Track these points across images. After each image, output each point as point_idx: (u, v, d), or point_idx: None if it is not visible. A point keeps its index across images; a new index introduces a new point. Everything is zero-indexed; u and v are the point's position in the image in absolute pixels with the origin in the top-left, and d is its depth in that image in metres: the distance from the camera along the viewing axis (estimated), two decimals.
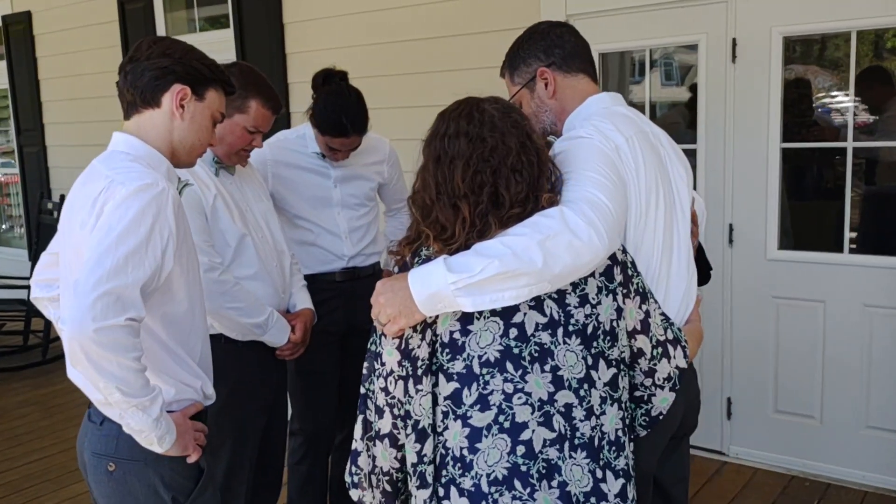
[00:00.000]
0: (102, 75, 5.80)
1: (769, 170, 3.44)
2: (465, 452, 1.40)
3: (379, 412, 1.48)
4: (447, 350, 1.42)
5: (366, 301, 1.50)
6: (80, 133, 6.17)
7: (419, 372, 1.42)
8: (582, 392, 1.43)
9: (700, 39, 3.51)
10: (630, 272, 1.54)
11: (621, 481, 1.45)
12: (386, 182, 2.94)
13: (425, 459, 1.43)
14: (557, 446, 1.40)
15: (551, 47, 1.78)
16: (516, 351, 1.41)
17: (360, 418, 1.54)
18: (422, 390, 1.42)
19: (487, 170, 1.42)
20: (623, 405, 1.50)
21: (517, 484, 1.38)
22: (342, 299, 2.79)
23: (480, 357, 1.40)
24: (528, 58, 1.80)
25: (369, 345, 1.53)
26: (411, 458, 1.44)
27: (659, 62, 3.85)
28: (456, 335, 1.41)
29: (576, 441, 1.42)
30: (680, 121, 3.80)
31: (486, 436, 1.39)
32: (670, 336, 1.59)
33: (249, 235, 2.31)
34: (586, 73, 1.81)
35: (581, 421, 1.42)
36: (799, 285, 3.45)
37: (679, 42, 3.64)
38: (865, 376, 3.36)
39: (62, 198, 5.15)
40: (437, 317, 1.42)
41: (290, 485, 2.90)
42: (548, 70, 1.78)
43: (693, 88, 3.66)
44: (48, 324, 5.29)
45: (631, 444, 1.53)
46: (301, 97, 4.57)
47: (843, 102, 3.50)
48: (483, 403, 1.40)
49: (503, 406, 1.39)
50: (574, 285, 1.44)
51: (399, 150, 2.96)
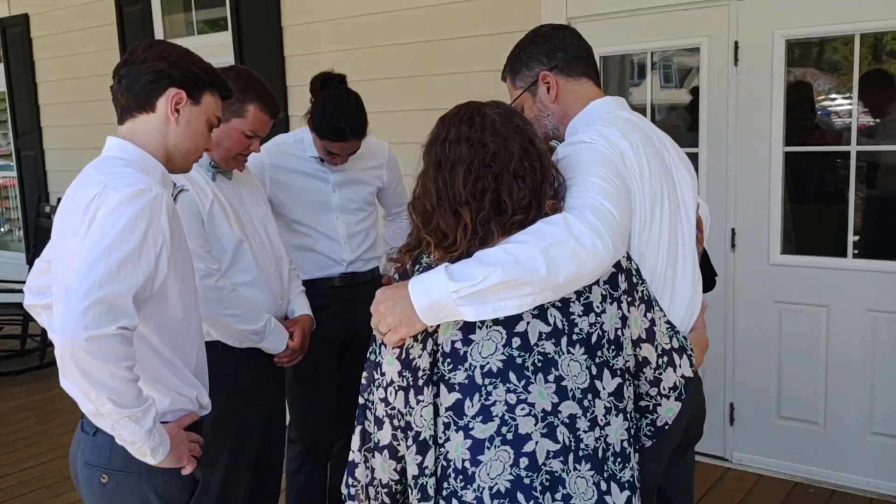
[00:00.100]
0: (100, 78, 5.75)
1: (772, 174, 3.41)
2: (467, 465, 1.37)
3: (378, 423, 1.46)
4: (449, 360, 1.39)
5: (365, 307, 1.48)
6: (78, 136, 6.14)
7: (420, 382, 1.39)
8: (586, 402, 1.40)
9: (702, 42, 3.49)
10: (635, 280, 1.51)
11: (627, 493, 1.43)
12: (385, 186, 2.91)
13: (427, 472, 1.40)
14: (561, 458, 1.37)
15: (553, 51, 1.76)
16: (519, 361, 1.38)
17: (358, 429, 1.52)
18: (423, 401, 1.39)
19: (489, 175, 1.39)
20: (628, 415, 1.47)
21: (520, 497, 1.35)
22: (341, 305, 2.76)
23: (483, 367, 1.37)
24: (530, 61, 1.77)
25: (369, 354, 1.50)
26: (412, 471, 1.41)
27: (658, 65, 3.83)
28: (458, 344, 1.38)
29: (580, 453, 1.39)
30: (681, 124, 3.78)
31: (489, 447, 1.36)
32: (676, 344, 1.57)
33: (247, 241, 2.28)
34: (589, 77, 1.78)
35: (585, 432, 1.39)
36: (802, 290, 3.43)
37: (681, 45, 3.62)
38: (869, 382, 3.33)
39: (60, 201, 5.13)
40: (439, 326, 1.39)
41: (289, 493, 2.88)
42: (550, 74, 1.75)
43: (694, 91, 3.64)
44: None
45: (636, 455, 1.50)
46: (300, 100, 4.54)
47: (845, 106, 3.47)
48: (485, 414, 1.37)
49: (506, 417, 1.37)
50: (578, 293, 1.41)
51: (398, 154, 2.94)
